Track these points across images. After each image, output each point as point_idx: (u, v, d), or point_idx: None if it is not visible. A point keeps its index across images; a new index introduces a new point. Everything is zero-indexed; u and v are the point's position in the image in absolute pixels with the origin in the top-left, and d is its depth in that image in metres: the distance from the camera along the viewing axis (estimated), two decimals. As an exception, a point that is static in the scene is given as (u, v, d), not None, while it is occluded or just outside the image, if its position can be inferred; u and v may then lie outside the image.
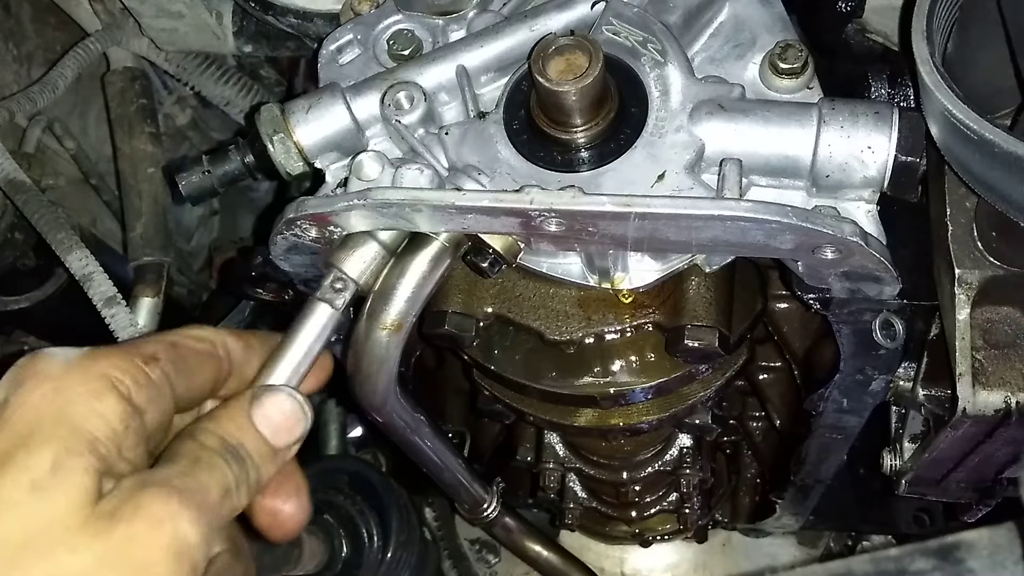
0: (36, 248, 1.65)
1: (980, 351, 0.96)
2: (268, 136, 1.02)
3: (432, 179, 0.96)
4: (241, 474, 0.75)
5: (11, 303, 1.75)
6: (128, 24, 1.70)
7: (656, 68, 0.97)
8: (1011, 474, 1.12)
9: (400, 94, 1.01)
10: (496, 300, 1.16)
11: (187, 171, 1.09)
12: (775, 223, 0.85)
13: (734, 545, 2.28)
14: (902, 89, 1.11)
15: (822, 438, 1.28)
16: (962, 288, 0.95)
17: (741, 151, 0.94)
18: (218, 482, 0.72)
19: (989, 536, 0.58)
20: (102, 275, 1.46)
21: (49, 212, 1.48)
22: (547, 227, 0.90)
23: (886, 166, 0.91)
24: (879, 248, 0.90)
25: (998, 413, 0.96)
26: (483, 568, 2.32)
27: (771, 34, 1.01)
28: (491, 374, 1.27)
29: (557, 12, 1.03)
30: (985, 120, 0.77)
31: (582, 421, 1.34)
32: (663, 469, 1.71)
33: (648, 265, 1.07)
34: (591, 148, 0.95)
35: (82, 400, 0.69)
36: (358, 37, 1.11)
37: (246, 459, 0.76)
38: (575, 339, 1.14)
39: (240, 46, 1.60)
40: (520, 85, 1.00)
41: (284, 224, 0.96)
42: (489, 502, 1.65)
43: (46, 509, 0.64)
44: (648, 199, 0.87)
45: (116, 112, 1.82)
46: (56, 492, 0.65)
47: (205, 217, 2.26)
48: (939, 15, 0.85)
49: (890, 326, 1.03)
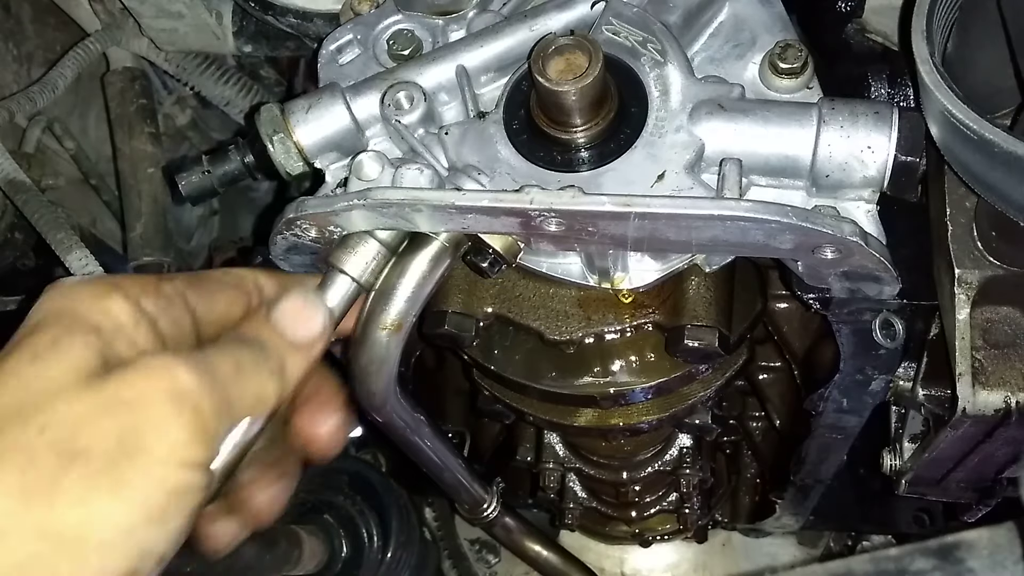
0: (36, 248, 1.65)
1: (980, 351, 0.96)
2: (268, 136, 1.02)
3: (432, 179, 0.96)
4: (258, 357, 0.76)
5: (11, 303, 1.75)
6: (128, 24, 1.70)
7: (656, 68, 0.97)
8: (1011, 474, 1.12)
9: (400, 94, 1.01)
10: (496, 300, 1.16)
11: (187, 171, 1.09)
12: (775, 223, 0.85)
13: (734, 545, 2.28)
14: (902, 89, 1.11)
15: (822, 438, 1.28)
16: (962, 288, 0.95)
17: (741, 151, 0.94)
18: (229, 358, 0.73)
19: (989, 536, 0.58)
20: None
21: (49, 212, 1.48)
22: (547, 227, 0.90)
23: (886, 166, 0.91)
24: (879, 248, 0.90)
25: (998, 413, 0.96)
26: (483, 568, 2.33)
27: (771, 34, 1.01)
28: (491, 374, 1.27)
29: (557, 12, 1.03)
30: (985, 120, 0.77)
31: (582, 421, 1.34)
32: (663, 469, 1.71)
33: (648, 265, 1.07)
34: (591, 148, 0.95)
35: (88, 299, 0.72)
36: (358, 37, 1.11)
37: (264, 346, 0.77)
38: (575, 339, 1.14)
39: (240, 46, 1.60)
40: (520, 85, 1.00)
41: (284, 224, 0.96)
42: (489, 502, 1.64)
43: (45, 373, 0.67)
44: (648, 199, 0.87)
45: (116, 112, 1.82)
46: (54, 360, 0.67)
47: (205, 217, 2.26)
48: (939, 15, 0.85)
49: (890, 326, 1.03)
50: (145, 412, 0.66)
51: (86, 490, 0.64)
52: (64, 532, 0.63)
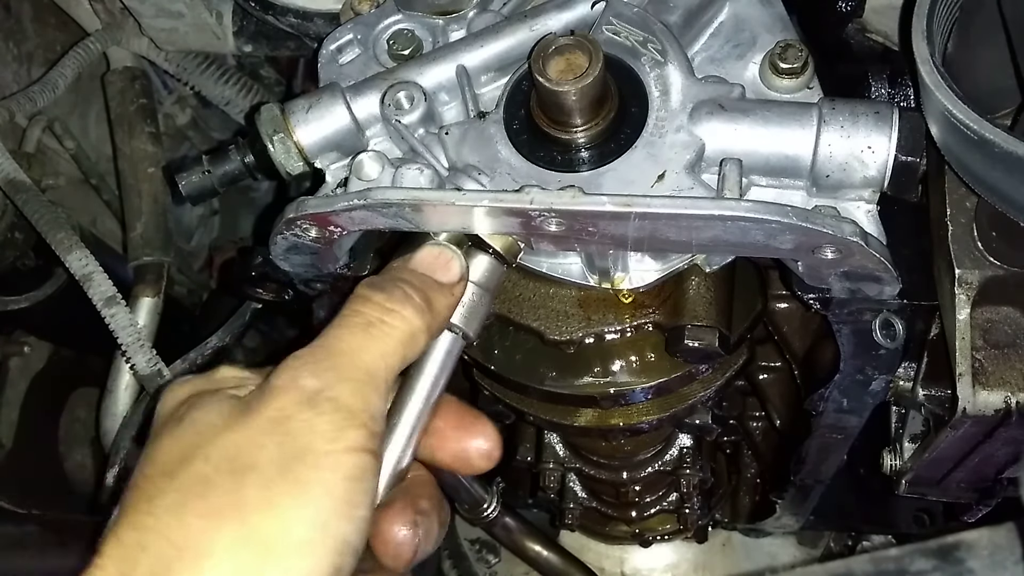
0: (36, 248, 1.65)
1: (980, 351, 0.96)
2: (268, 136, 1.02)
3: (432, 179, 0.96)
4: (406, 293, 0.79)
5: (11, 303, 1.75)
6: (128, 24, 1.70)
7: (656, 68, 0.97)
8: (1011, 474, 1.12)
9: (400, 94, 1.01)
10: (496, 300, 1.16)
11: (187, 171, 1.09)
12: (775, 223, 0.85)
13: (734, 545, 2.28)
14: (902, 89, 1.11)
15: (822, 438, 1.28)
16: (962, 288, 0.95)
17: (741, 151, 0.94)
18: (357, 322, 0.76)
19: (989, 536, 0.58)
20: (102, 275, 1.46)
21: (49, 212, 1.48)
22: (547, 227, 0.90)
23: (886, 166, 0.91)
24: (879, 248, 0.90)
25: (998, 413, 0.96)
26: (483, 568, 2.32)
27: (771, 34, 1.01)
28: (491, 374, 1.27)
29: (557, 12, 1.03)
30: (985, 120, 0.77)
31: (582, 421, 1.34)
32: (663, 469, 1.70)
33: (648, 265, 1.07)
34: (591, 148, 0.95)
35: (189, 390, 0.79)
36: (358, 37, 1.11)
37: (409, 286, 0.80)
38: (575, 339, 1.14)
39: (240, 46, 1.60)
40: (520, 85, 1.00)
41: (284, 224, 0.96)
42: (489, 502, 1.64)
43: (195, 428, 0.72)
44: (648, 199, 0.87)
45: (116, 112, 1.82)
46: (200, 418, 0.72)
47: (205, 217, 2.26)
48: (939, 15, 0.85)
49: (890, 326, 1.03)
50: (293, 422, 0.69)
51: (269, 497, 0.65)
52: (262, 539, 0.64)
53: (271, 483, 0.66)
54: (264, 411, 0.70)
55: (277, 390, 0.71)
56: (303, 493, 0.66)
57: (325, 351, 0.74)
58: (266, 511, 0.65)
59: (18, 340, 1.95)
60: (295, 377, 0.72)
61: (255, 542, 0.64)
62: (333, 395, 0.71)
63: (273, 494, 0.66)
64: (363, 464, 0.70)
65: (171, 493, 0.66)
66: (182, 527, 0.64)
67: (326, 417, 0.69)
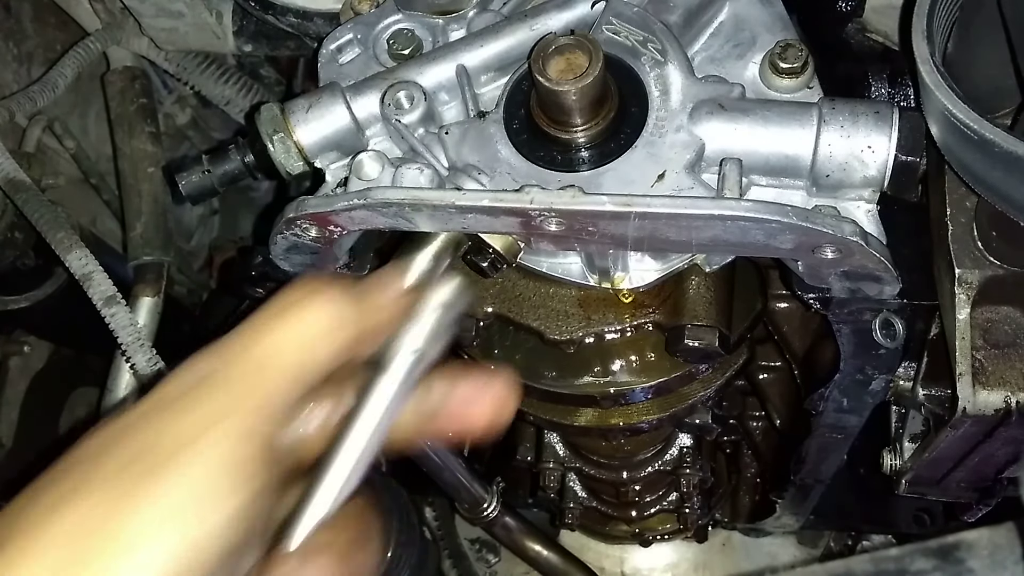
0: (36, 248, 1.65)
1: (980, 351, 0.96)
2: (268, 136, 1.02)
3: (432, 179, 0.96)
4: (334, 281, 0.73)
5: (11, 303, 1.75)
6: (128, 23, 1.70)
7: (656, 68, 0.97)
8: (1011, 474, 1.12)
9: (400, 93, 1.01)
10: (496, 300, 1.16)
11: (187, 171, 1.09)
12: (775, 223, 0.85)
13: (734, 545, 2.28)
14: (902, 89, 1.11)
15: (822, 438, 1.28)
16: (962, 288, 0.94)
17: (741, 151, 0.94)
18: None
19: (989, 536, 0.58)
20: (102, 274, 1.46)
21: (49, 212, 1.47)
22: (547, 227, 0.90)
23: (886, 166, 0.91)
24: (879, 248, 0.90)
25: (998, 413, 0.96)
26: (483, 568, 2.32)
27: (771, 33, 1.01)
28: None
29: (557, 12, 1.03)
30: (985, 120, 0.77)
31: (582, 421, 1.34)
32: (663, 469, 1.71)
33: (648, 265, 1.07)
34: (591, 148, 0.95)
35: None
36: (358, 36, 1.11)
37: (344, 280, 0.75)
38: (575, 339, 1.14)
39: (240, 45, 1.60)
40: (520, 85, 1.00)
41: (284, 224, 0.96)
42: (489, 502, 1.65)
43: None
44: (648, 199, 0.87)
45: (116, 112, 1.82)
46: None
47: (205, 217, 2.26)
48: (939, 15, 0.85)
49: (890, 326, 1.03)
50: (170, 409, 0.66)
51: (118, 485, 0.62)
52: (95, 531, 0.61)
53: (123, 470, 0.62)
54: (151, 396, 0.67)
55: (171, 375, 0.68)
56: (157, 483, 0.62)
57: (235, 334, 0.69)
58: (112, 502, 0.61)
59: (18, 340, 1.95)
60: (193, 361, 0.68)
61: (87, 533, 0.60)
62: (221, 377, 0.66)
63: (123, 481, 0.62)
64: (240, 451, 0.64)
65: (43, 482, 0.63)
66: (23, 516, 0.61)
67: (205, 401, 0.65)
